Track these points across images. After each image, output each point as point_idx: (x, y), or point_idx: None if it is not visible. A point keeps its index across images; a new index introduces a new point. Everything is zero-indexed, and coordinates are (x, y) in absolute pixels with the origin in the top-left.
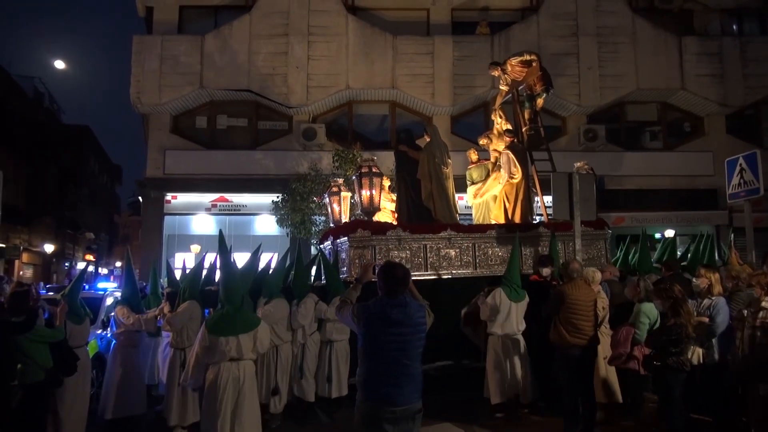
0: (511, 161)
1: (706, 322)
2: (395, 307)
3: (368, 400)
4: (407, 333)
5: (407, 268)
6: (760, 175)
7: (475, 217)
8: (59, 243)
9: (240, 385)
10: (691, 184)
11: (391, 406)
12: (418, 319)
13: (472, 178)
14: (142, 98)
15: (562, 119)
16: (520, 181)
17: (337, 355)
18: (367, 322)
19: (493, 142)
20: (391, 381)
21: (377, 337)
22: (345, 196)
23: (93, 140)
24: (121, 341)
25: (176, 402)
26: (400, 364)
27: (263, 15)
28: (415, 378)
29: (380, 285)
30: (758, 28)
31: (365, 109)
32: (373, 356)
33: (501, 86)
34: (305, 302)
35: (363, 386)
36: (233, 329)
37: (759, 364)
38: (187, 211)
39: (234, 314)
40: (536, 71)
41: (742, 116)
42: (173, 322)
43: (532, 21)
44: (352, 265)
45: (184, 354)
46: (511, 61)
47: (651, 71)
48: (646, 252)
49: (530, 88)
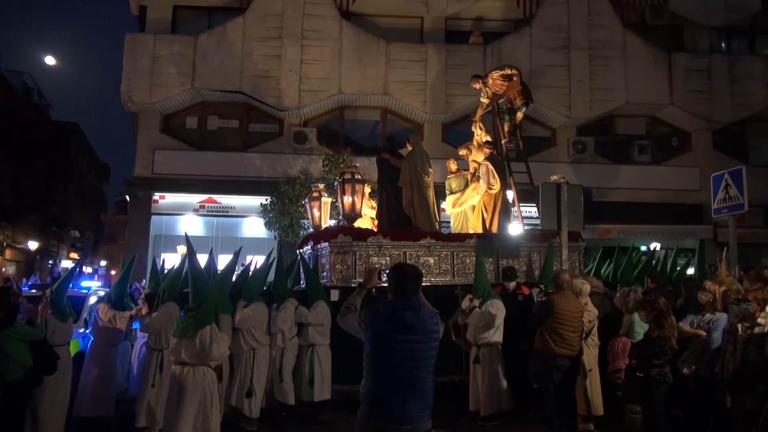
0: (490, 172)
1: (703, 335)
2: (408, 309)
3: (372, 417)
4: (419, 341)
5: (419, 269)
6: (745, 191)
7: (453, 227)
8: (43, 240)
9: (183, 389)
10: (677, 198)
11: (397, 424)
12: (432, 326)
13: (451, 188)
14: (132, 97)
15: (552, 131)
16: (498, 192)
17: (319, 358)
18: (375, 326)
19: (473, 152)
20: (399, 395)
21: (386, 344)
22: (326, 201)
23: (81, 138)
24: (99, 339)
25: (147, 404)
26: (409, 376)
27: (257, 17)
28: (425, 393)
29: (391, 286)
30: (746, 47)
31: (357, 115)
32: (381, 366)
33: (482, 98)
34: (285, 306)
35: (367, 400)
36: (182, 331)
37: (749, 378)
38: (174, 211)
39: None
40: (517, 85)
41: (729, 133)
42: (152, 325)
43: (525, 32)
44: (333, 271)
45: (161, 355)
46: (492, 75)
47: (640, 86)
48: (630, 265)
49: (510, 102)
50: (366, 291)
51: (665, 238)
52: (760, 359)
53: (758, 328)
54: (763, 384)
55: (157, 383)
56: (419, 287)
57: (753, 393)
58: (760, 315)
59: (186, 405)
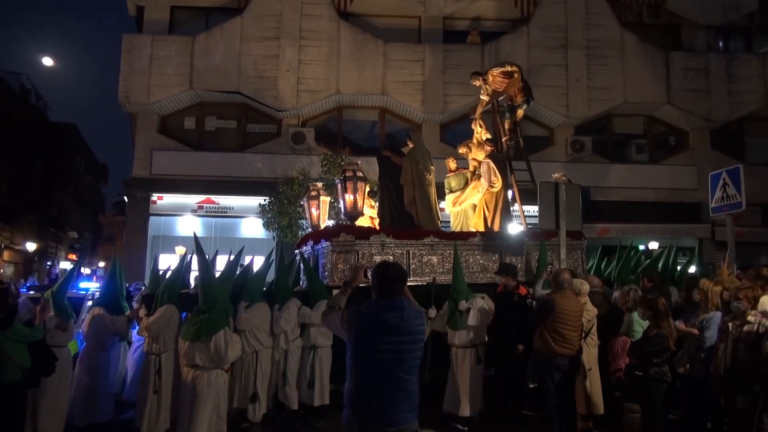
0: (492, 170)
1: (695, 334)
2: (391, 310)
3: (356, 419)
4: (403, 342)
5: (404, 268)
6: (743, 190)
7: (453, 225)
8: (42, 241)
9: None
10: (675, 197)
11: (382, 426)
12: (417, 326)
13: (451, 187)
14: (130, 97)
15: (550, 130)
16: (500, 191)
17: (320, 361)
18: (358, 327)
19: (472, 151)
20: (384, 397)
21: (369, 345)
22: (324, 200)
23: (79, 139)
24: (89, 344)
25: (149, 409)
26: (394, 378)
27: (255, 18)
28: (410, 394)
29: (374, 285)
30: (743, 46)
31: (355, 115)
32: (364, 368)
33: (482, 96)
34: (288, 307)
35: (351, 403)
36: (194, 335)
37: (740, 376)
38: (173, 212)
39: (201, 319)
40: (517, 82)
41: (727, 131)
42: (151, 328)
43: (523, 32)
44: (335, 270)
45: (159, 360)
46: (492, 72)
47: (638, 85)
48: (628, 264)
49: (511, 99)
50: (351, 289)
51: (663, 237)
52: (750, 357)
53: (748, 326)
54: (756, 382)
55: (158, 389)
56: (404, 287)
57: (744, 391)
58: (750, 313)
59: (201, 408)
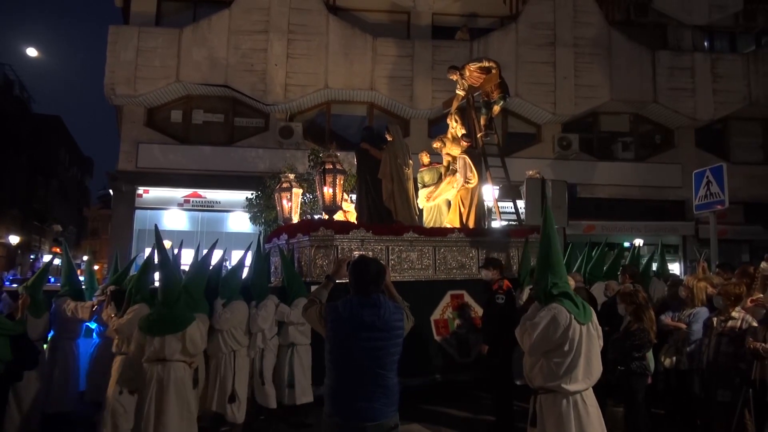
0: (468, 166)
1: (683, 328)
2: (367, 307)
3: (335, 414)
4: (381, 338)
5: (383, 264)
6: (726, 188)
7: (426, 221)
8: (25, 235)
9: (164, 387)
10: (660, 195)
11: (361, 421)
12: (395, 322)
13: (424, 181)
14: (116, 89)
15: (537, 127)
16: (475, 186)
17: (300, 358)
18: (334, 324)
19: (447, 146)
20: (362, 393)
21: (346, 342)
22: (296, 193)
23: (64, 131)
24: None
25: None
26: (372, 374)
27: (243, 11)
28: (389, 390)
29: (351, 282)
30: (728, 46)
31: (343, 110)
32: (342, 364)
33: (458, 90)
34: (266, 304)
35: (330, 399)
36: (161, 329)
37: (721, 370)
38: (158, 205)
39: (165, 313)
40: (495, 78)
41: (711, 130)
42: (123, 330)
43: (511, 29)
44: (313, 266)
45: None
46: (469, 67)
47: (625, 83)
48: (601, 260)
49: (487, 95)
50: (333, 283)
51: (648, 234)
52: (733, 352)
53: (732, 322)
54: (737, 376)
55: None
56: (382, 284)
57: (725, 385)
58: (734, 309)
59: (170, 403)
